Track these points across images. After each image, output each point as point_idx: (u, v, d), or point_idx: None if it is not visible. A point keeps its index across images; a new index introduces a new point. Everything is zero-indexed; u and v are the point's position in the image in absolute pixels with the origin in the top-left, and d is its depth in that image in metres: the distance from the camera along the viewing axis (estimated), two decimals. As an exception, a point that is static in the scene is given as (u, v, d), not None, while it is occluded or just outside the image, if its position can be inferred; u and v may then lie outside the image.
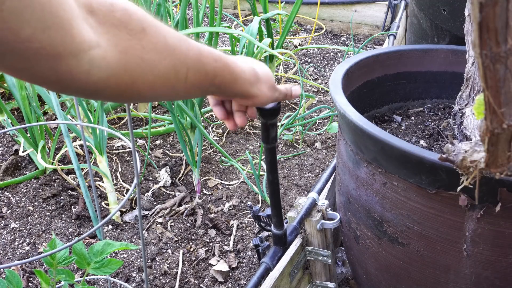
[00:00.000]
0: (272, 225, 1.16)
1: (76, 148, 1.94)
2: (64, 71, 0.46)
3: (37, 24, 0.42)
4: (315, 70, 2.66)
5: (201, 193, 1.82)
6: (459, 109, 1.13)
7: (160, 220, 1.70)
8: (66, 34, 0.44)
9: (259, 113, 0.89)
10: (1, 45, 0.41)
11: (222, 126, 2.16)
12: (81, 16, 0.47)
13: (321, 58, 2.79)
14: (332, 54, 2.82)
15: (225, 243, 1.62)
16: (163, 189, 1.84)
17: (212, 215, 1.71)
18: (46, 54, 0.44)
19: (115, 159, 1.97)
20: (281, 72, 2.58)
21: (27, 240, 1.63)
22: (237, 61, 0.71)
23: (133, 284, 1.48)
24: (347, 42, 2.99)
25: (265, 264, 1.17)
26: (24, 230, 1.66)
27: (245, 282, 1.49)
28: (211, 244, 1.62)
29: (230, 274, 1.52)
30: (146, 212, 1.74)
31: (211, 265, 1.54)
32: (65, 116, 1.79)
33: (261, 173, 1.83)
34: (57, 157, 1.79)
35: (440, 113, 1.39)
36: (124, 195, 1.79)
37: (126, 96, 0.55)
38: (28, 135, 1.85)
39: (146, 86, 0.55)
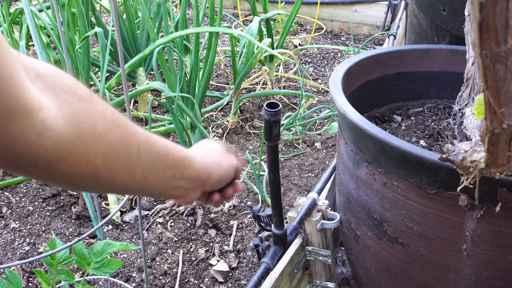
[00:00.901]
0: (273, 225, 1.16)
1: (76, 148, 1.94)
2: (17, 131, 0.42)
3: None
4: (315, 70, 2.66)
5: (201, 193, 1.82)
6: (459, 109, 1.13)
7: (160, 220, 1.71)
8: (17, 87, 0.41)
9: (265, 109, 0.88)
10: None
11: (222, 126, 2.16)
12: (29, 77, 0.45)
13: (321, 58, 2.79)
14: (332, 54, 2.82)
15: (225, 243, 1.62)
16: (163, 189, 1.83)
17: (212, 215, 1.71)
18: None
19: (115, 159, 1.97)
20: (281, 72, 2.58)
21: (27, 240, 1.63)
22: (176, 145, 0.68)
23: (133, 284, 1.48)
24: (347, 42, 2.99)
25: (265, 264, 1.17)
26: (24, 230, 1.66)
27: (245, 282, 1.49)
28: (211, 244, 1.62)
29: (230, 274, 1.52)
30: (146, 212, 1.74)
31: (211, 265, 1.54)
32: (65, 116, 1.78)
33: (261, 173, 1.83)
34: (57, 157, 1.79)
35: (440, 113, 1.39)
36: (124, 195, 1.80)
37: (82, 173, 0.51)
38: (28, 135, 1.84)
39: (99, 159, 0.51)
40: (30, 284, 1.49)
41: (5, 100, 0.41)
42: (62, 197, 1.79)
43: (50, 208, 1.74)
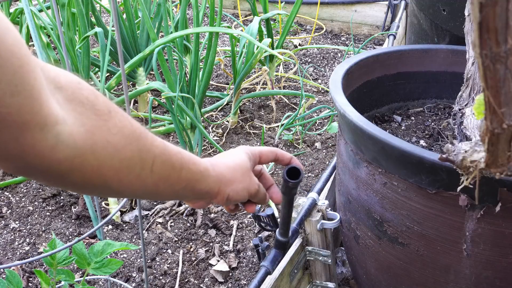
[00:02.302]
0: (277, 232, 1.14)
1: (76, 148, 1.94)
2: (28, 144, 0.43)
3: (7, 87, 0.40)
4: (315, 70, 2.66)
5: (201, 193, 1.82)
6: (459, 109, 1.13)
7: (160, 220, 1.70)
8: (34, 103, 0.42)
9: (284, 178, 0.83)
10: None
11: (222, 126, 2.16)
12: (49, 90, 0.45)
13: (321, 58, 2.79)
14: (332, 54, 2.82)
15: (225, 243, 1.62)
16: (163, 189, 1.83)
17: (212, 215, 1.71)
18: (12, 121, 0.41)
19: (115, 159, 1.97)
20: (281, 72, 2.58)
21: (27, 240, 1.63)
22: (196, 157, 0.69)
23: (133, 284, 1.48)
24: (347, 42, 2.99)
25: (265, 268, 1.16)
26: (24, 230, 1.66)
27: (245, 282, 1.49)
28: (211, 244, 1.62)
29: (230, 274, 1.52)
30: (146, 212, 1.74)
31: (211, 265, 1.54)
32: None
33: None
34: (57, 157, 1.79)
35: (440, 113, 1.39)
36: (124, 195, 1.79)
37: (92, 184, 0.52)
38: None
39: (112, 172, 0.52)
40: (30, 284, 1.49)
41: (20, 114, 0.41)
42: (62, 197, 1.79)
43: (50, 208, 1.74)
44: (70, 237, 1.63)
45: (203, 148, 2.04)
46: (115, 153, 0.52)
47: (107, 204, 1.73)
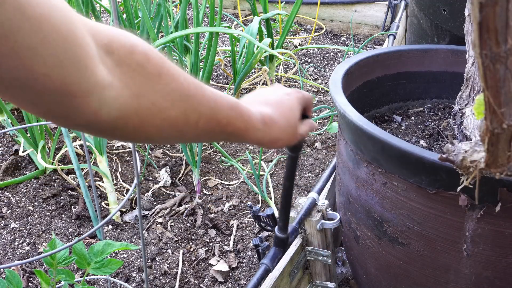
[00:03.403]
0: (276, 228, 1.15)
1: (76, 148, 1.94)
2: (73, 107, 0.46)
3: (52, 61, 0.42)
4: (315, 70, 2.66)
5: (201, 193, 1.82)
6: (459, 109, 1.13)
7: (160, 220, 1.70)
8: (80, 73, 0.44)
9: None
10: (13, 80, 0.41)
11: (222, 126, 2.16)
12: (98, 55, 0.47)
13: (321, 58, 2.79)
14: (332, 54, 2.82)
15: (225, 243, 1.62)
16: (163, 189, 1.84)
17: (212, 215, 1.71)
18: (57, 90, 0.44)
19: (115, 159, 1.97)
20: (281, 72, 2.58)
21: (27, 240, 1.63)
22: (251, 108, 0.70)
23: (133, 284, 1.48)
24: (347, 42, 2.99)
25: (265, 266, 1.16)
26: (24, 230, 1.66)
27: (245, 282, 1.49)
28: (211, 244, 1.62)
29: (230, 274, 1.52)
30: (146, 212, 1.74)
31: (211, 265, 1.54)
32: (65, 116, 1.78)
33: (261, 173, 1.83)
34: (57, 157, 1.79)
35: (440, 113, 1.39)
36: (124, 195, 1.79)
37: (134, 137, 0.57)
38: (28, 135, 1.84)
39: (153, 129, 0.55)
40: (30, 284, 1.49)
41: (64, 84, 0.44)
42: (62, 197, 1.79)
43: (50, 208, 1.74)
44: (70, 237, 1.63)
45: (203, 148, 2.04)
46: (159, 113, 0.54)
47: (107, 204, 1.73)
